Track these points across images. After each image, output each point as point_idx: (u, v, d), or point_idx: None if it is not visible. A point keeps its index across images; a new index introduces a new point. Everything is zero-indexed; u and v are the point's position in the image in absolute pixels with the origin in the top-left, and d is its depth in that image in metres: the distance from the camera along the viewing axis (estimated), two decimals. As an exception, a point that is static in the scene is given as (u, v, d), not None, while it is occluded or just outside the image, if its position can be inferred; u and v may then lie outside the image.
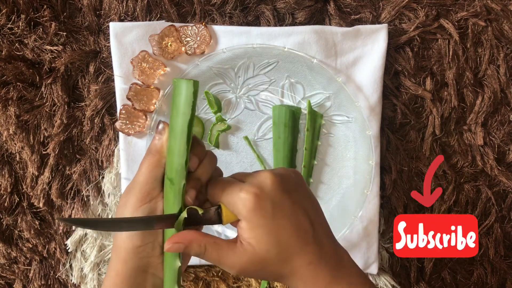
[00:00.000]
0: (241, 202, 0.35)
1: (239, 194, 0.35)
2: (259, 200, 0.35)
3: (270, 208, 0.35)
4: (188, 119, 0.36)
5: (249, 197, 0.35)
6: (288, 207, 0.36)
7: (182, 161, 0.36)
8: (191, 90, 0.35)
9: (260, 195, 0.35)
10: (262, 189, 0.36)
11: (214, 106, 0.57)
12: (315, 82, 0.58)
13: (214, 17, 0.58)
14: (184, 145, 0.36)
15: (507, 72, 0.60)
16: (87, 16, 0.58)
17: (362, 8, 0.58)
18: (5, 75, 0.57)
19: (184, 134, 0.36)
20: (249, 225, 0.35)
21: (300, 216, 0.36)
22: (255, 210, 0.35)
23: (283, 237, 0.35)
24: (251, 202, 0.35)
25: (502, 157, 0.62)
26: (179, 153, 0.36)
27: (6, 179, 0.59)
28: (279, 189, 0.36)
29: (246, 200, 0.35)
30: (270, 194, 0.36)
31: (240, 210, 0.35)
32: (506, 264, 0.63)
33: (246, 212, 0.35)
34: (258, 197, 0.35)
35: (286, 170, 0.39)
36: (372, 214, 0.58)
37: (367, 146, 0.56)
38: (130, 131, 0.57)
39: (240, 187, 0.36)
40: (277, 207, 0.35)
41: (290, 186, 0.37)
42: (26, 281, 0.62)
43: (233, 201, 0.36)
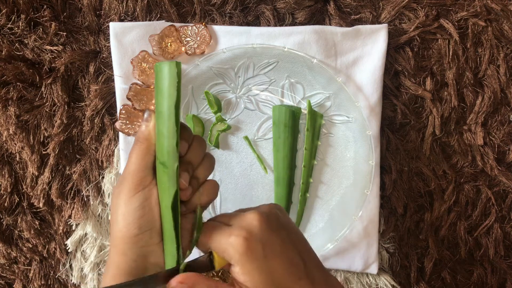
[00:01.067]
0: (231, 248, 0.35)
1: (228, 240, 0.36)
2: (249, 243, 0.35)
3: (260, 249, 0.35)
4: (175, 101, 0.36)
5: (239, 242, 0.35)
6: (278, 245, 0.36)
7: (173, 143, 0.36)
8: (175, 71, 0.36)
9: (250, 238, 0.35)
10: (251, 232, 0.36)
11: (214, 106, 0.57)
12: (315, 82, 0.58)
13: (214, 17, 0.58)
14: (174, 127, 0.36)
15: (507, 72, 0.60)
16: (87, 16, 0.58)
17: (362, 8, 0.58)
18: (5, 75, 0.57)
19: (172, 116, 0.36)
20: (243, 269, 0.35)
21: (291, 253, 0.37)
22: (247, 254, 0.35)
23: (276, 276, 0.35)
24: (242, 247, 0.35)
25: (502, 157, 0.62)
26: (169, 135, 0.36)
27: (6, 179, 0.59)
28: (267, 229, 0.37)
29: (236, 245, 0.35)
30: (259, 235, 0.36)
31: (232, 256, 0.35)
32: (506, 264, 0.63)
33: (238, 256, 0.35)
34: (248, 241, 0.35)
35: (270, 208, 0.39)
36: (372, 214, 0.58)
37: (367, 146, 0.56)
38: (130, 131, 0.57)
39: (229, 232, 0.36)
40: (267, 247, 0.36)
41: (277, 223, 0.38)
42: (26, 281, 0.62)
43: (223, 247, 0.36)
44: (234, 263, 0.36)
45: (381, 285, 0.61)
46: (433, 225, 0.62)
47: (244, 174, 0.59)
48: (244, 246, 0.35)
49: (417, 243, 0.62)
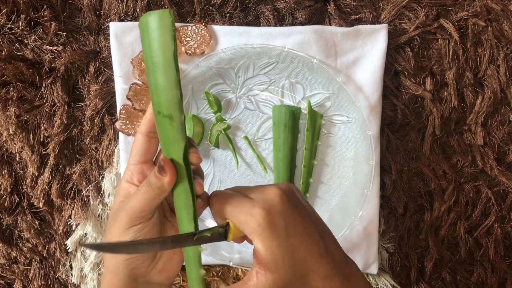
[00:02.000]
0: (253, 220, 0.34)
1: (252, 212, 0.34)
2: (272, 218, 0.34)
3: (283, 225, 0.34)
4: (173, 50, 0.34)
5: (262, 215, 0.34)
6: (299, 222, 0.36)
7: (177, 94, 0.35)
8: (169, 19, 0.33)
9: (272, 212, 0.34)
10: (273, 206, 0.35)
11: (214, 106, 0.57)
12: (315, 82, 0.58)
13: (214, 17, 0.58)
14: (175, 77, 0.35)
15: (507, 72, 0.60)
16: (87, 16, 0.58)
17: (362, 8, 0.58)
18: (5, 75, 0.57)
19: (172, 66, 0.34)
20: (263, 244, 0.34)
21: (311, 230, 0.36)
22: (269, 228, 0.34)
23: (298, 255, 0.35)
24: (264, 220, 0.34)
25: (502, 157, 0.62)
26: (171, 87, 0.35)
27: (6, 179, 0.59)
28: (289, 205, 0.36)
29: (259, 218, 0.34)
30: (281, 211, 0.35)
31: (253, 229, 0.34)
32: (506, 264, 0.63)
33: (260, 230, 0.34)
34: (270, 215, 0.34)
35: (289, 185, 0.39)
36: (372, 214, 0.58)
37: (367, 146, 0.56)
38: (130, 131, 0.57)
39: (251, 203, 0.35)
40: (289, 223, 0.35)
41: (296, 201, 0.37)
42: (26, 281, 0.62)
43: (244, 218, 0.35)
44: (254, 237, 0.34)
45: (381, 285, 0.61)
46: (433, 225, 0.62)
47: (244, 174, 0.59)
48: (267, 220, 0.34)
49: (417, 243, 0.62)
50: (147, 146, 0.38)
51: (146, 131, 0.38)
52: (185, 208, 0.37)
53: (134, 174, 0.39)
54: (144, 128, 0.38)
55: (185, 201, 0.36)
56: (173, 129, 0.35)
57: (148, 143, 0.38)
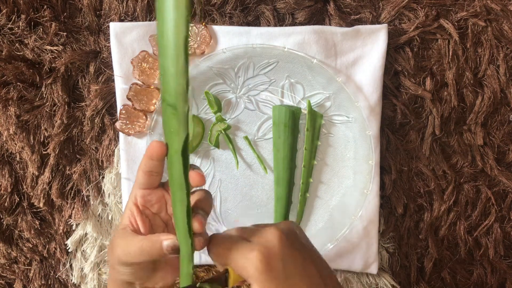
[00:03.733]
0: (251, 265, 0.34)
1: (248, 257, 0.34)
2: (270, 261, 0.34)
3: (281, 268, 0.34)
4: (184, 35, 0.32)
5: (259, 259, 0.34)
6: (298, 264, 0.35)
7: (183, 83, 0.33)
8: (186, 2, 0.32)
9: (270, 255, 0.34)
10: (271, 249, 0.34)
11: (214, 106, 0.57)
12: (315, 82, 0.58)
13: (214, 17, 0.58)
14: (183, 66, 0.33)
15: (507, 72, 0.60)
16: (87, 16, 0.58)
17: (362, 8, 0.59)
18: (5, 75, 0.57)
19: (181, 53, 0.33)
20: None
21: (311, 272, 0.36)
22: (267, 272, 0.33)
23: None
24: (262, 264, 0.33)
25: (502, 157, 0.62)
26: (178, 74, 0.33)
27: (6, 179, 0.60)
28: (288, 247, 0.35)
29: (256, 263, 0.34)
30: (280, 253, 0.35)
31: (251, 274, 0.34)
32: (506, 264, 0.63)
33: (257, 275, 0.33)
34: (268, 258, 0.34)
35: (289, 224, 0.38)
36: (372, 214, 0.59)
37: (367, 146, 0.56)
38: (130, 131, 0.57)
39: (248, 248, 0.35)
40: (288, 265, 0.34)
41: (296, 241, 0.37)
42: (26, 281, 0.62)
43: (241, 264, 0.34)
44: (252, 282, 0.34)
45: (381, 285, 0.61)
46: (433, 225, 0.62)
47: (244, 174, 0.59)
48: (264, 264, 0.34)
49: (417, 243, 0.62)
50: (147, 181, 0.38)
51: (145, 170, 0.38)
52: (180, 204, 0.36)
53: (138, 197, 0.39)
54: (144, 168, 0.38)
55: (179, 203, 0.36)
56: (176, 118, 0.34)
57: (149, 179, 0.38)
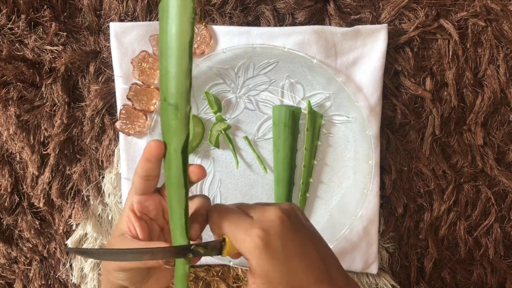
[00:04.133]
0: (251, 241, 0.33)
1: (250, 231, 0.34)
2: (269, 239, 0.34)
3: (280, 247, 0.34)
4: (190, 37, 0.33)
5: (259, 236, 0.33)
6: (298, 245, 0.35)
7: (187, 84, 0.34)
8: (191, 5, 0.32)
9: (270, 233, 0.34)
10: (272, 228, 0.34)
11: (214, 106, 0.57)
12: (315, 82, 0.58)
13: (214, 17, 0.58)
14: (187, 67, 0.33)
15: (507, 72, 0.60)
16: (87, 16, 0.58)
17: (362, 8, 0.59)
18: (5, 75, 0.57)
19: (186, 55, 0.33)
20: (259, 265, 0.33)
21: (311, 254, 0.35)
22: (265, 250, 0.33)
23: (296, 279, 0.34)
24: (261, 241, 0.33)
25: (502, 157, 0.62)
26: (182, 75, 0.33)
27: (6, 179, 0.60)
28: (289, 227, 0.35)
29: (256, 239, 0.33)
30: (280, 232, 0.34)
31: (249, 249, 0.34)
32: (505, 264, 0.63)
33: (256, 252, 0.33)
34: (268, 236, 0.34)
35: (291, 206, 0.38)
36: (372, 214, 0.59)
37: (367, 146, 0.56)
38: (130, 131, 0.57)
39: (249, 223, 0.35)
40: (288, 246, 0.34)
41: (298, 223, 0.37)
42: (26, 281, 0.62)
43: (241, 238, 0.34)
44: (250, 257, 0.34)
45: (381, 285, 0.61)
46: (433, 225, 0.62)
47: (244, 174, 0.59)
48: (264, 241, 0.33)
49: (417, 243, 0.62)
50: (143, 186, 0.38)
51: (142, 175, 0.37)
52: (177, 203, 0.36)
53: (135, 203, 0.38)
54: (140, 172, 0.37)
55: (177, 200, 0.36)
56: (177, 118, 0.34)
57: (145, 184, 0.38)
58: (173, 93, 0.34)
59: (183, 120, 0.35)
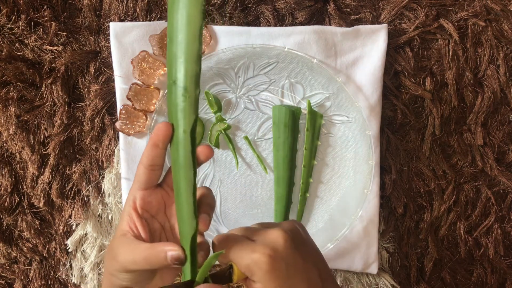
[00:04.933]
0: (255, 265, 0.35)
1: (252, 256, 0.35)
2: (274, 262, 0.35)
3: (284, 268, 0.35)
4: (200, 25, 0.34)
5: (264, 260, 0.35)
6: (300, 264, 0.36)
7: (197, 69, 0.35)
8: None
9: (274, 256, 0.35)
10: (276, 250, 0.36)
11: (214, 106, 0.57)
12: (315, 82, 0.58)
13: (214, 17, 0.58)
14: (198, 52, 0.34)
15: (507, 72, 0.60)
16: (87, 16, 0.58)
17: (362, 8, 0.59)
18: (5, 75, 0.57)
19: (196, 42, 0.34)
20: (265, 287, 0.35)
21: (311, 271, 0.37)
22: (271, 272, 0.35)
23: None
24: (266, 265, 0.35)
25: (502, 157, 0.62)
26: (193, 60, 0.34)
27: (6, 179, 0.60)
28: (291, 248, 0.36)
29: (261, 263, 0.35)
30: (283, 254, 0.36)
31: (255, 273, 0.35)
32: (506, 264, 0.63)
33: (262, 274, 0.35)
34: (272, 259, 0.35)
35: (293, 224, 0.39)
36: (372, 214, 0.59)
37: (367, 146, 0.56)
38: (130, 131, 0.57)
39: (252, 248, 0.36)
40: (290, 266, 0.36)
41: (299, 241, 0.38)
42: (26, 281, 0.62)
43: (246, 263, 0.35)
44: (256, 280, 0.35)
45: (381, 285, 0.61)
46: (433, 225, 0.62)
47: (244, 174, 0.59)
48: (269, 264, 0.35)
49: (417, 243, 0.62)
50: (148, 177, 0.38)
51: (147, 164, 0.37)
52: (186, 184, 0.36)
53: (137, 199, 0.38)
54: (146, 161, 0.37)
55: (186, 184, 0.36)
56: (186, 100, 0.35)
57: (150, 175, 0.38)
58: (182, 76, 0.35)
59: (193, 103, 0.35)
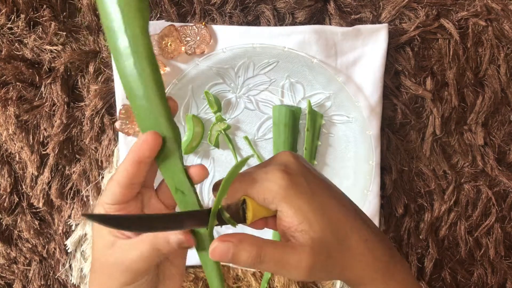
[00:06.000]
0: (273, 184, 0.30)
1: (268, 177, 0.30)
2: (292, 177, 0.30)
3: (305, 183, 0.31)
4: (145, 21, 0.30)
5: (280, 175, 0.30)
6: (320, 182, 0.32)
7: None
8: None
9: (291, 171, 0.31)
10: (290, 167, 0.31)
11: (214, 106, 0.57)
12: (315, 82, 0.58)
13: (214, 17, 0.58)
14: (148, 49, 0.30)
15: (508, 72, 0.59)
16: (86, 16, 0.58)
17: (362, 8, 0.58)
18: (5, 75, 0.57)
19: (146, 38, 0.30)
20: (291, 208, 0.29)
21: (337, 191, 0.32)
22: (292, 187, 0.30)
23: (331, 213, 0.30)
24: (284, 180, 0.30)
25: (503, 157, 0.62)
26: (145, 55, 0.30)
27: (5, 179, 0.59)
28: (305, 165, 0.32)
29: (278, 179, 0.30)
30: (299, 170, 0.31)
31: (276, 193, 0.30)
32: (506, 264, 0.63)
33: (283, 192, 0.30)
34: (289, 174, 0.30)
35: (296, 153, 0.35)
36: (372, 214, 0.58)
37: (367, 146, 0.56)
38: (130, 131, 0.57)
39: (265, 170, 0.31)
40: (311, 182, 0.31)
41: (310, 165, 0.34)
42: (26, 281, 0.62)
43: (263, 187, 0.30)
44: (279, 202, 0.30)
45: (381, 285, 0.61)
46: (433, 225, 0.61)
47: (244, 174, 0.59)
48: (287, 179, 0.30)
49: (417, 243, 0.61)
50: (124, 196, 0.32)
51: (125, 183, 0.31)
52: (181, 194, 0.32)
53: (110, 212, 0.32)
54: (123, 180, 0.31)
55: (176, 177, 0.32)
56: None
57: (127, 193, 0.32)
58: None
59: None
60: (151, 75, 0.30)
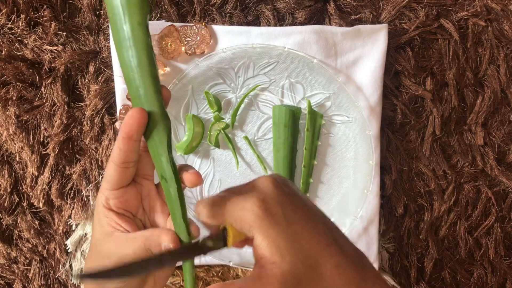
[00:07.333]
0: (249, 213, 0.31)
1: (245, 205, 0.32)
2: (268, 205, 0.31)
3: (281, 212, 0.32)
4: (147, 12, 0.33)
5: (257, 204, 0.31)
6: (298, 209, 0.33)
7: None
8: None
9: (267, 200, 0.32)
10: (267, 194, 0.32)
11: (214, 106, 0.57)
12: (315, 82, 0.58)
13: (214, 17, 0.58)
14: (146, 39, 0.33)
15: (507, 72, 0.59)
16: (87, 16, 0.58)
17: (362, 8, 0.58)
18: (5, 75, 0.57)
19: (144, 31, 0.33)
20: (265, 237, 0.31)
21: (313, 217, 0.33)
22: (267, 217, 0.31)
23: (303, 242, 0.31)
24: (260, 209, 0.31)
25: (502, 157, 0.62)
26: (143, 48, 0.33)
27: (6, 179, 0.59)
28: (284, 191, 0.33)
29: (254, 208, 0.31)
30: (277, 197, 0.32)
31: (251, 222, 0.31)
32: (506, 264, 0.63)
33: (259, 221, 0.31)
34: (265, 203, 0.32)
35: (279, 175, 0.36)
36: (372, 214, 0.58)
37: (367, 146, 0.56)
38: (130, 131, 0.57)
39: (244, 197, 0.32)
40: (287, 210, 0.32)
41: (290, 189, 0.34)
42: (26, 281, 0.62)
43: (240, 214, 0.32)
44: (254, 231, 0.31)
45: (381, 285, 0.61)
46: (433, 225, 0.61)
47: (244, 174, 0.59)
48: (263, 209, 0.31)
49: (417, 243, 0.61)
50: (121, 177, 0.34)
51: (119, 161, 0.34)
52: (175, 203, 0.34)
53: (110, 199, 0.35)
54: (117, 158, 0.34)
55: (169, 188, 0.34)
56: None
57: (123, 174, 0.34)
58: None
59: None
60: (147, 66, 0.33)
